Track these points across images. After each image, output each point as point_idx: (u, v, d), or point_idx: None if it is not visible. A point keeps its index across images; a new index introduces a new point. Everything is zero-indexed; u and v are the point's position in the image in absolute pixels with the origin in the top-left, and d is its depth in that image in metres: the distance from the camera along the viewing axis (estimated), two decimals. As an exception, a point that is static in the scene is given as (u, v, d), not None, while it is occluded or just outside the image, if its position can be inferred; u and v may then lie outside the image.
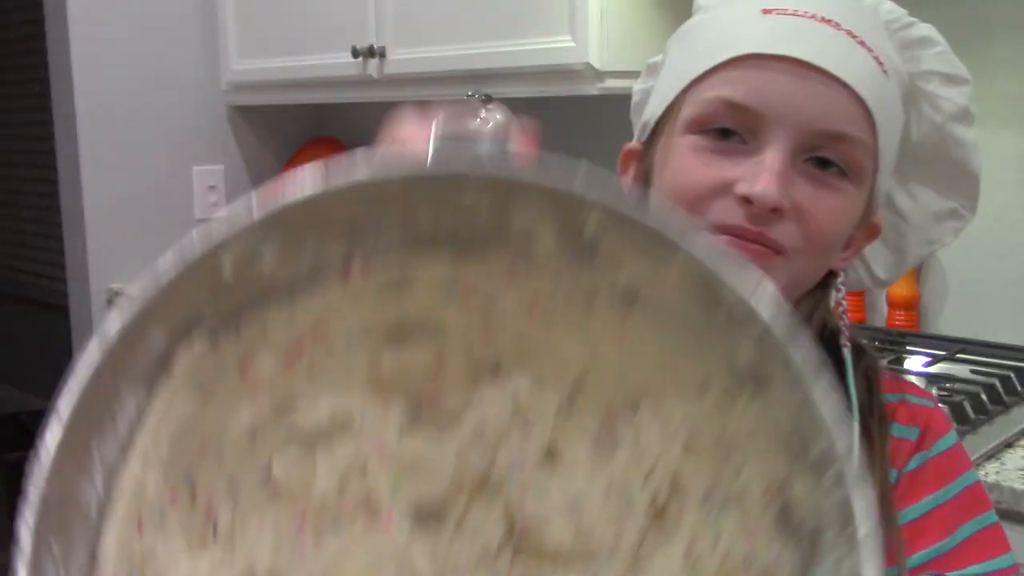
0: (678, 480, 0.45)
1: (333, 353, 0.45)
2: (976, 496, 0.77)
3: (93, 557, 0.38)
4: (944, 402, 1.29)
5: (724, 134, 0.69)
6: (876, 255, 0.83)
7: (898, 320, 1.73)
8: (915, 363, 1.57)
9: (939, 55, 0.76)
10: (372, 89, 2.22)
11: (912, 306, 1.74)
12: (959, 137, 0.77)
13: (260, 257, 0.41)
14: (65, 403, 0.39)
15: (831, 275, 0.77)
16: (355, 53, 2.17)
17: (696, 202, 0.68)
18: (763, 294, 0.40)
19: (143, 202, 2.53)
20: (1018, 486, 1.11)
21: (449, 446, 0.45)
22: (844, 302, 0.77)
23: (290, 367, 0.44)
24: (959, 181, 0.79)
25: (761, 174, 0.66)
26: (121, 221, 2.50)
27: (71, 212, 2.51)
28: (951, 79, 0.76)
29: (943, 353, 1.58)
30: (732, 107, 0.68)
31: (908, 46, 0.75)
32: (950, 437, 0.78)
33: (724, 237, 0.67)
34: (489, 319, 0.45)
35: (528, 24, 1.89)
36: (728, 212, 0.67)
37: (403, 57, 2.13)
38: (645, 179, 0.76)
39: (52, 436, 0.39)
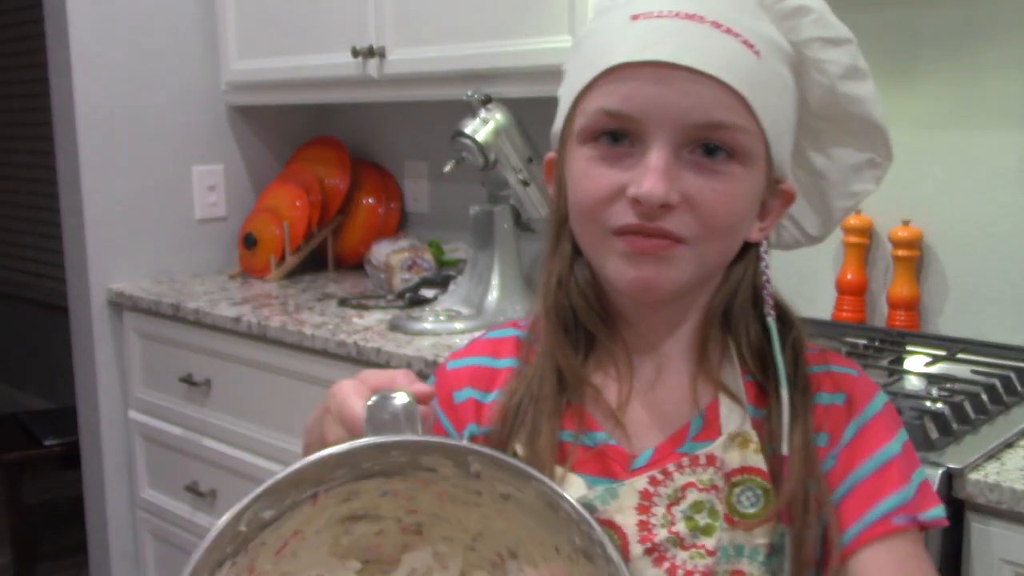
0: None
1: (307, 541, 0.66)
2: (912, 451, 0.82)
3: None
4: (944, 402, 1.29)
5: (614, 139, 0.75)
6: (804, 215, 0.88)
7: (898, 320, 1.73)
8: (915, 363, 1.57)
9: (816, 21, 0.79)
10: (372, 89, 2.23)
11: (912, 306, 1.74)
12: (853, 94, 0.81)
13: (261, 513, 0.62)
14: None
15: (753, 245, 0.81)
16: (355, 53, 2.17)
17: (596, 211, 0.75)
18: (586, 514, 0.64)
19: (143, 202, 2.53)
20: (1018, 486, 1.11)
21: None
22: (768, 271, 0.81)
23: (279, 558, 0.65)
24: (867, 134, 0.83)
25: (646, 175, 0.72)
26: (121, 221, 2.50)
27: (71, 212, 2.51)
28: (832, 41, 0.80)
29: (943, 353, 1.57)
30: (611, 116, 0.74)
31: (786, 17, 0.78)
32: (879, 400, 0.82)
33: (625, 239, 0.74)
34: (411, 504, 0.68)
35: (528, 24, 1.88)
36: (624, 214, 0.74)
37: (403, 57, 2.13)
38: (560, 186, 0.82)
39: None
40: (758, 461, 0.78)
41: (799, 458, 0.77)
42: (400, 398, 0.65)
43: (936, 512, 0.80)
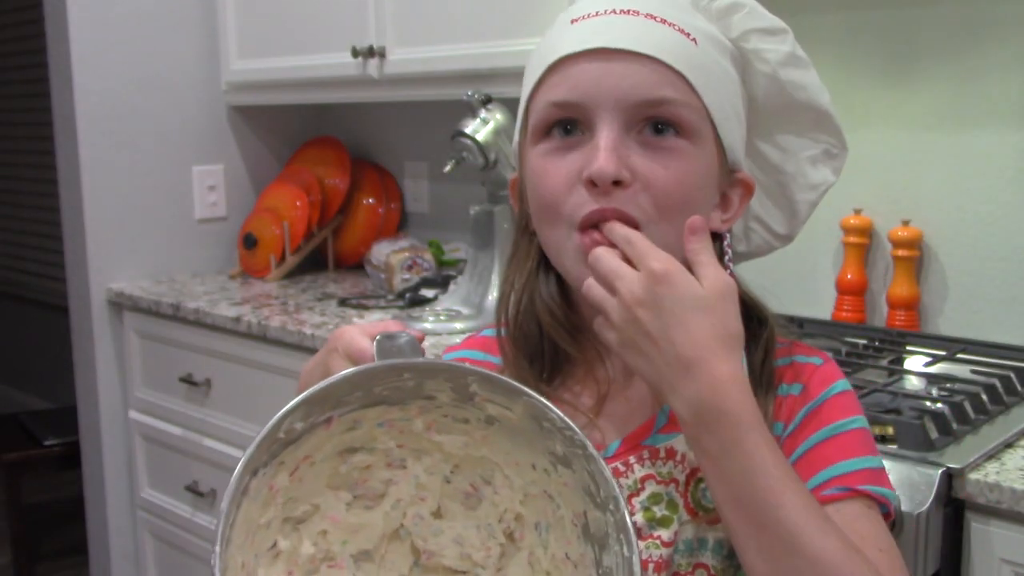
0: (520, 517, 0.75)
1: (313, 468, 0.72)
2: (868, 439, 0.80)
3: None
4: (944, 402, 1.29)
5: (566, 131, 0.78)
6: (770, 214, 0.89)
7: (898, 320, 1.73)
8: (915, 363, 1.57)
9: (748, 14, 0.82)
10: (372, 89, 2.23)
11: (912, 306, 1.74)
12: (796, 80, 0.83)
13: (295, 424, 0.69)
14: (220, 518, 0.65)
15: (719, 239, 0.82)
16: (355, 53, 2.17)
17: (556, 203, 0.78)
18: (569, 420, 0.71)
19: (143, 202, 2.53)
20: (1018, 486, 1.11)
21: (377, 513, 0.75)
22: (731, 264, 0.83)
23: (292, 479, 0.71)
24: (817, 121, 0.85)
25: (596, 154, 0.75)
26: (121, 221, 2.50)
27: (71, 212, 2.51)
28: (767, 31, 0.82)
29: (943, 353, 1.57)
30: (559, 106, 0.78)
31: (720, 16, 0.82)
32: (837, 386, 0.82)
33: (586, 239, 0.76)
34: (402, 437, 0.75)
35: (528, 24, 1.89)
36: (581, 203, 0.76)
37: (403, 57, 2.13)
38: (522, 199, 0.84)
39: (219, 539, 0.64)
40: None
41: None
42: (404, 335, 0.73)
43: (886, 491, 0.77)
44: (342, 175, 2.63)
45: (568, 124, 0.78)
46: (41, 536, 3.42)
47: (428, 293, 2.15)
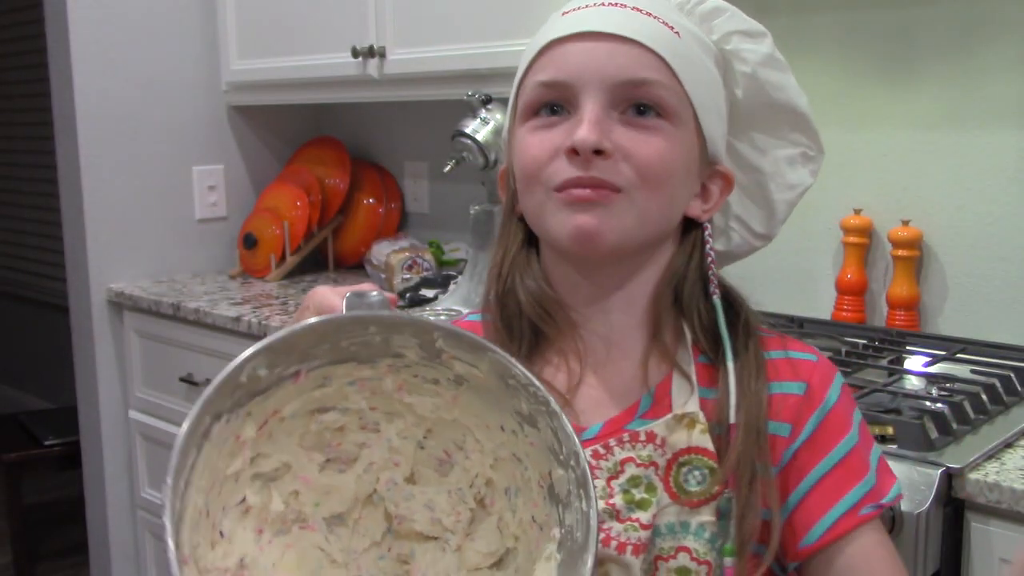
0: (491, 482, 0.76)
1: (283, 424, 0.72)
2: (867, 429, 0.85)
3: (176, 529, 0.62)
4: (944, 402, 1.29)
5: (553, 111, 0.82)
6: (749, 214, 0.92)
7: (898, 320, 1.73)
8: (915, 363, 1.57)
9: (730, 17, 0.86)
10: (372, 89, 2.23)
11: (912, 306, 1.74)
12: (774, 81, 0.87)
13: (258, 370, 0.67)
14: (175, 452, 0.62)
15: (698, 227, 0.86)
16: (355, 53, 2.17)
17: (538, 172, 0.81)
18: (532, 376, 0.71)
19: (143, 202, 2.53)
20: (1018, 486, 1.11)
21: (350, 476, 0.75)
22: (712, 252, 0.86)
23: (260, 433, 0.70)
24: (794, 123, 0.89)
25: (580, 125, 0.78)
26: (121, 221, 2.50)
27: (71, 212, 2.51)
28: (747, 34, 0.86)
29: (943, 353, 1.57)
30: (547, 85, 0.82)
31: (704, 19, 0.86)
32: (837, 384, 0.84)
33: (565, 192, 0.79)
34: (374, 398, 0.75)
35: (528, 24, 1.88)
36: (562, 170, 0.79)
37: (403, 57, 2.13)
38: (509, 184, 0.87)
39: (172, 472, 0.62)
40: (704, 441, 0.80)
41: (746, 431, 0.79)
42: (375, 293, 0.73)
43: (894, 491, 0.83)
44: (342, 175, 2.63)
45: (555, 105, 0.81)
46: (41, 536, 3.42)
47: (428, 293, 2.15)
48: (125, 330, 2.48)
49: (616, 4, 0.82)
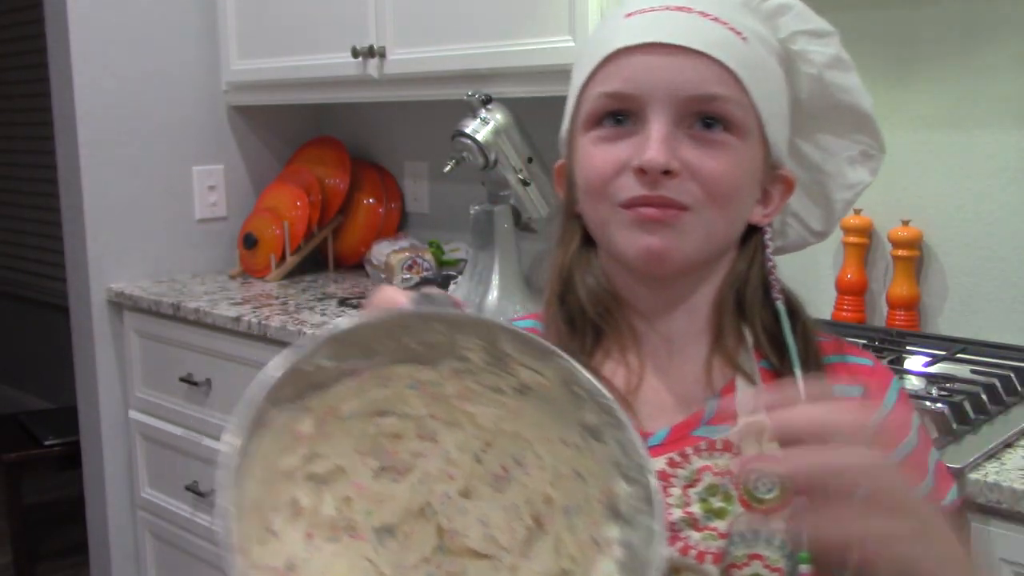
0: (550, 500, 0.72)
1: (340, 424, 0.69)
2: (925, 433, 0.85)
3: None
4: (944, 402, 1.29)
5: (617, 121, 0.80)
6: (808, 211, 0.92)
7: (898, 320, 1.73)
8: (915, 363, 1.57)
9: (797, 16, 0.84)
10: (372, 89, 2.23)
11: (912, 306, 1.74)
12: (839, 83, 0.85)
13: (323, 361, 0.66)
14: (234, 437, 0.62)
15: (758, 232, 0.85)
16: (355, 53, 2.17)
17: (603, 187, 0.80)
18: (599, 384, 0.68)
19: (143, 202, 2.53)
20: (1018, 486, 1.11)
21: (404, 486, 0.72)
22: (772, 259, 0.86)
23: (318, 430, 0.68)
24: (858, 124, 0.88)
25: (648, 144, 0.77)
26: (121, 221, 2.50)
27: (71, 212, 2.51)
28: (814, 34, 0.84)
29: (943, 353, 1.57)
30: (612, 97, 0.80)
31: (769, 17, 0.84)
32: (894, 388, 0.85)
33: (633, 210, 0.78)
34: (434, 405, 0.72)
35: (528, 24, 1.89)
36: (629, 187, 0.78)
37: (403, 57, 2.13)
38: (570, 186, 0.86)
39: (228, 454, 0.62)
40: (773, 449, 0.79)
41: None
42: (443, 296, 0.70)
43: (952, 494, 0.83)
44: (342, 175, 2.63)
45: (620, 115, 0.80)
46: (41, 536, 3.42)
47: (428, 293, 2.14)
48: (125, 330, 2.48)
49: (682, 8, 0.80)
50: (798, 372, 0.81)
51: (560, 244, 0.89)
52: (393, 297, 0.72)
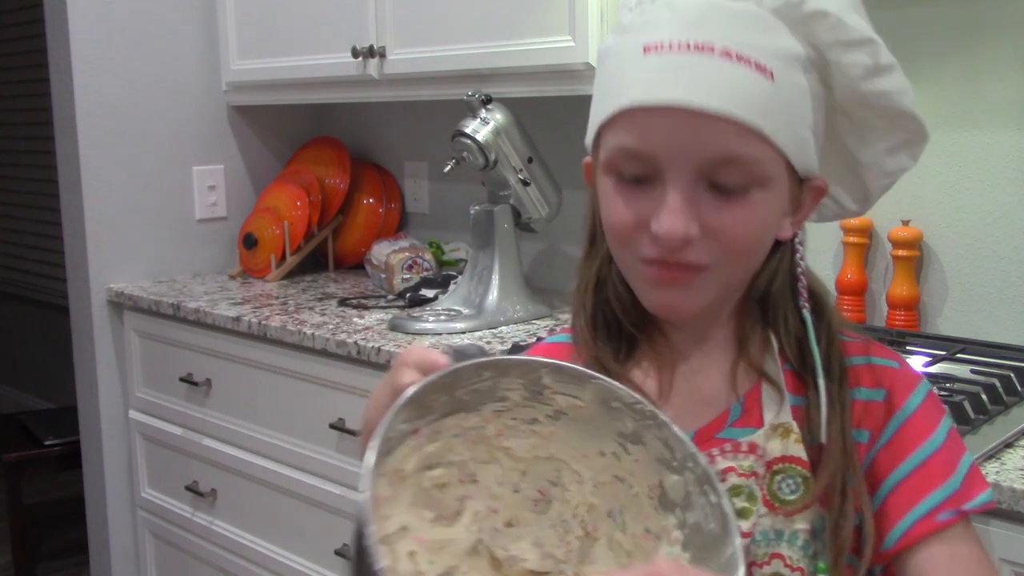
0: (593, 507, 0.76)
1: (403, 483, 0.72)
2: (957, 437, 0.84)
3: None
4: (944, 402, 1.28)
5: (636, 179, 0.77)
6: (841, 196, 0.89)
7: (898, 320, 1.73)
8: (915, 363, 1.57)
9: (833, 26, 0.78)
10: (372, 89, 2.23)
11: (912, 306, 1.74)
12: (878, 91, 0.81)
13: (402, 426, 0.69)
14: (371, 457, 0.64)
15: (785, 239, 0.83)
16: (355, 53, 2.17)
17: (624, 240, 0.79)
18: (637, 395, 0.73)
19: (143, 202, 2.53)
20: (1018, 486, 1.11)
21: (457, 529, 0.75)
22: (802, 262, 0.84)
23: (389, 493, 0.71)
24: (897, 120, 0.83)
25: (664, 213, 0.75)
26: (121, 221, 2.50)
27: (71, 212, 2.51)
28: (851, 44, 0.79)
29: (943, 353, 1.57)
30: (629, 153, 0.77)
31: (803, 22, 0.77)
32: (920, 390, 0.84)
33: (651, 268, 0.78)
34: (476, 444, 0.75)
35: (528, 24, 1.89)
36: (648, 247, 0.77)
37: (403, 57, 2.13)
38: (596, 195, 0.84)
39: (369, 464, 0.64)
40: (799, 451, 0.80)
41: (836, 447, 0.80)
42: (473, 346, 0.72)
43: (982, 498, 0.81)
44: (342, 175, 2.63)
45: (638, 171, 0.77)
46: (41, 536, 3.42)
47: (428, 293, 2.15)
48: (125, 330, 2.48)
49: (703, 47, 0.73)
50: (821, 383, 0.81)
51: (588, 255, 0.89)
52: (427, 353, 0.71)
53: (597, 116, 0.80)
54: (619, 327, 0.87)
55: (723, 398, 0.85)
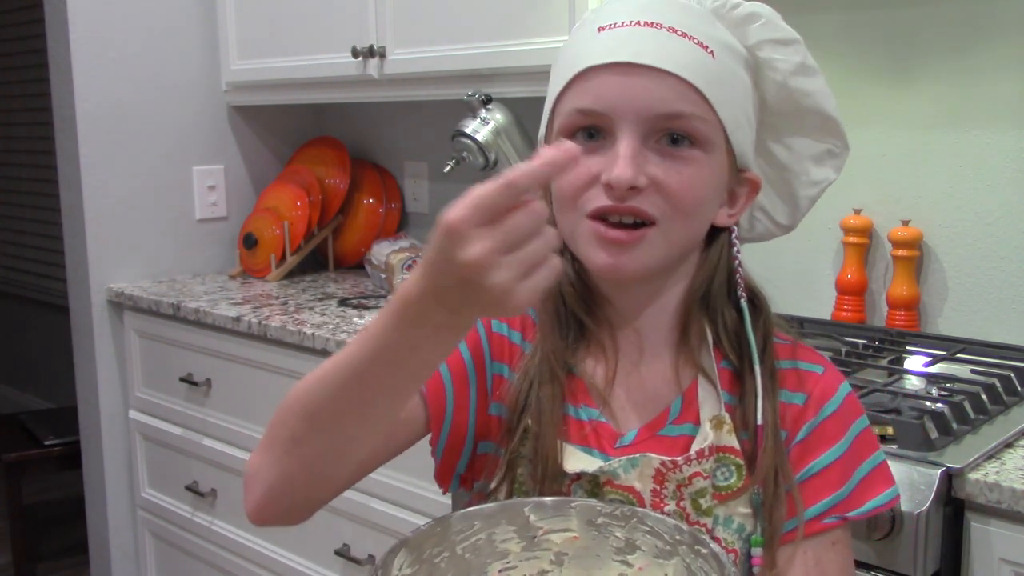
0: None
1: None
2: (865, 441, 0.88)
3: None
4: (944, 402, 1.29)
5: (589, 135, 0.83)
6: (774, 206, 0.96)
7: (898, 320, 1.73)
8: (915, 363, 1.57)
9: (764, 25, 0.87)
10: (372, 89, 2.23)
11: (912, 306, 1.74)
12: (804, 89, 0.89)
13: (406, 571, 0.74)
14: None
15: (726, 231, 0.89)
16: (355, 53, 2.17)
17: (575, 197, 0.83)
18: (610, 504, 0.80)
19: (143, 202, 2.53)
20: (1018, 486, 1.11)
21: None
22: (739, 256, 0.89)
23: None
24: (822, 126, 0.92)
25: (616, 161, 0.80)
26: (121, 221, 2.50)
27: (71, 212, 2.51)
28: (780, 42, 0.88)
29: (943, 353, 1.57)
30: (583, 113, 0.83)
31: (738, 24, 0.87)
32: (838, 397, 0.88)
33: (596, 223, 0.81)
34: None
35: (528, 24, 1.89)
36: (598, 198, 0.82)
37: (403, 57, 2.13)
38: (547, 187, 0.87)
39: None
40: (732, 441, 0.85)
41: (772, 429, 0.84)
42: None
43: (872, 503, 0.86)
44: (342, 175, 2.63)
45: (591, 130, 0.83)
46: (41, 536, 3.42)
47: (428, 293, 2.14)
48: (125, 330, 2.48)
49: (652, 24, 0.82)
50: (757, 368, 0.85)
51: None
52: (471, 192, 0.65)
53: (553, 90, 0.87)
54: (571, 316, 0.90)
55: (665, 394, 0.89)
